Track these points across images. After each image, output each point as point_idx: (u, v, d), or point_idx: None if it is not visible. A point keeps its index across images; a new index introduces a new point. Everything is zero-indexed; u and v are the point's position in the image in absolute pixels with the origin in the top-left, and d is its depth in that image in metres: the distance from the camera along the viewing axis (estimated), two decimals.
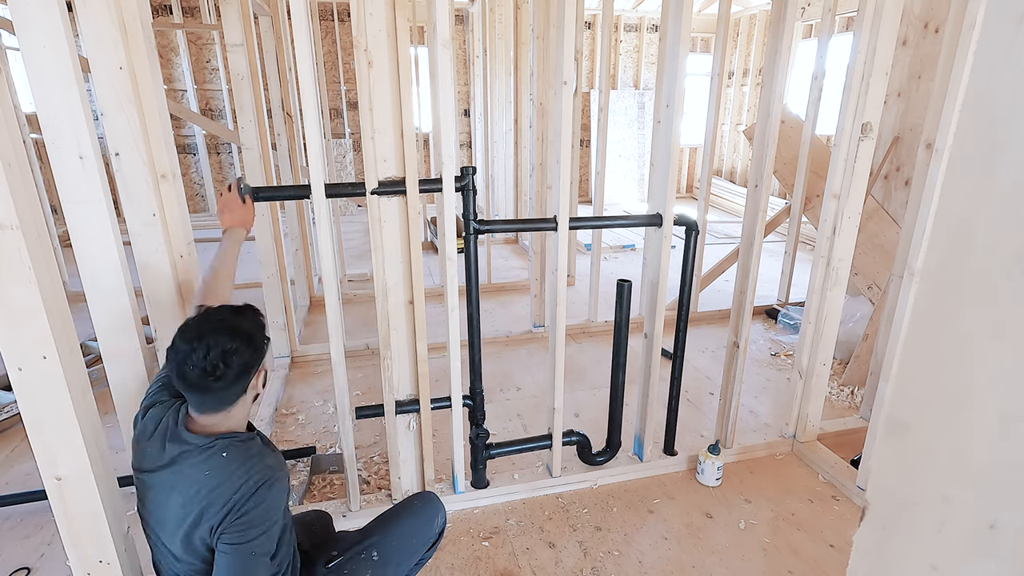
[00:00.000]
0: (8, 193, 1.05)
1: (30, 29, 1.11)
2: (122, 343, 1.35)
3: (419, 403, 1.91)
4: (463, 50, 6.95)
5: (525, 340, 3.48)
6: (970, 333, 0.45)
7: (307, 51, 1.51)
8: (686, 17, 1.76)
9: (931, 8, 2.77)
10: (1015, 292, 0.41)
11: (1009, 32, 0.41)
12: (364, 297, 4.00)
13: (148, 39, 1.34)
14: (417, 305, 1.81)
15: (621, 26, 7.49)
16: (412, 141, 1.68)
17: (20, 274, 1.09)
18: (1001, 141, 0.42)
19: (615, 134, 7.52)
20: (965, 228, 0.45)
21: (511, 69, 4.77)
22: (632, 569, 1.81)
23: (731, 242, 5.62)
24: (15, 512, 2.02)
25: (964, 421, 0.46)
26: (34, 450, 1.22)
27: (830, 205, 2.05)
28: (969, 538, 0.46)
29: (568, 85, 1.75)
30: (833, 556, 1.85)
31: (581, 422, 2.61)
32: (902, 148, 2.96)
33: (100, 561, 1.34)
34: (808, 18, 6.37)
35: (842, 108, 1.95)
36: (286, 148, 3.33)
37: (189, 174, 6.85)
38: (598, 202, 3.33)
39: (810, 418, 2.32)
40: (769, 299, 3.98)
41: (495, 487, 2.10)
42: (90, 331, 2.31)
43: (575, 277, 4.47)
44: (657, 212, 1.96)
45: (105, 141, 1.34)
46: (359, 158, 6.94)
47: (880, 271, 2.99)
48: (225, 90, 6.56)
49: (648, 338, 2.11)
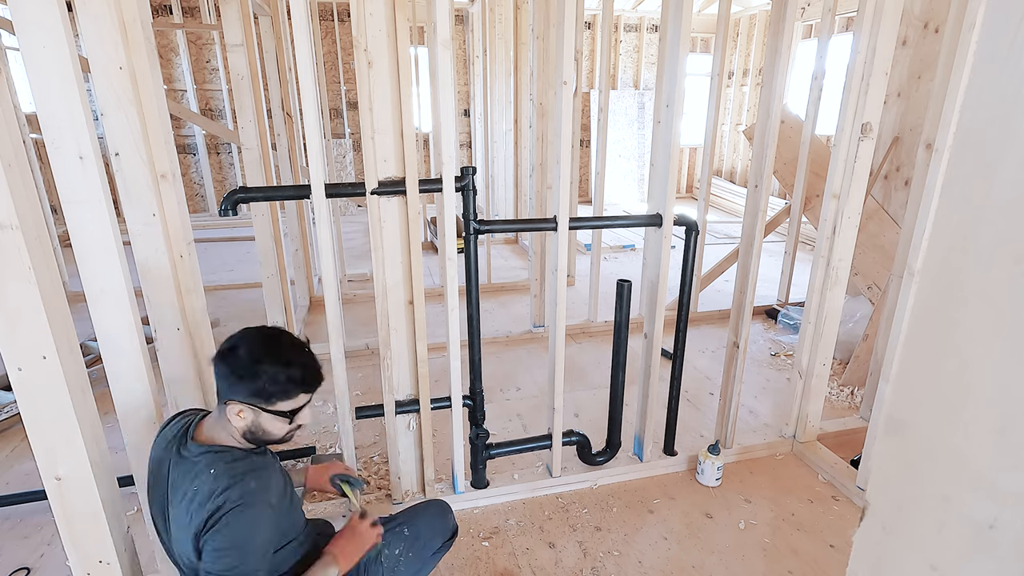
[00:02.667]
0: (8, 193, 1.05)
1: (30, 29, 1.11)
2: (122, 343, 1.35)
3: (419, 403, 1.91)
4: (463, 50, 6.95)
5: (525, 340, 3.48)
6: (970, 333, 0.45)
7: (307, 51, 1.51)
8: (686, 17, 1.76)
9: (931, 8, 2.77)
10: (1015, 292, 0.41)
11: (1009, 32, 0.41)
12: (364, 297, 4.00)
13: (148, 39, 1.34)
14: (417, 305, 1.81)
15: (621, 26, 7.49)
16: (412, 141, 1.68)
17: (20, 274, 1.09)
18: (1001, 141, 0.42)
19: (615, 134, 7.52)
20: (965, 228, 0.45)
21: (511, 69, 4.77)
22: (632, 569, 1.81)
23: (731, 242, 5.62)
24: (15, 512, 2.02)
25: (964, 421, 0.46)
26: (34, 450, 1.22)
27: (830, 205, 2.05)
28: (969, 538, 0.46)
29: (568, 85, 1.75)
30: (833, 556, 1.85)
31: (581, 422, 2.61)
32: (902, 148, 2.96)
33: (100, 561, 1.34)
34: (808, 18, 6.37)
35: (842, 108, 1.95)
36: (286, 148, 3.33)
37: (189, 174, 6.85)
38: (598, 202, 3.33)
39: (810, 418, 2.32)
40: (769, 299, 3.98)
41: (495, 487, 2.10)
42: (90, 331, 2.31)
43: (575, 277, 4.47)
44: (657, 212, 1.96)
45: (105, 141, 1.34)
46: (359, 158, 6.94)
47: (880, 271, 2.99)
48: (225, 90, 6.56)
49: (648, 338, 2.11)
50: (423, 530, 1.44)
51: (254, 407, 1.11)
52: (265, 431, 1.14)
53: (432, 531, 1.45)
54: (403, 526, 1.44)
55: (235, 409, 1.10)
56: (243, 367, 1.09)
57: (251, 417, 1.12)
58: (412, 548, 1.41)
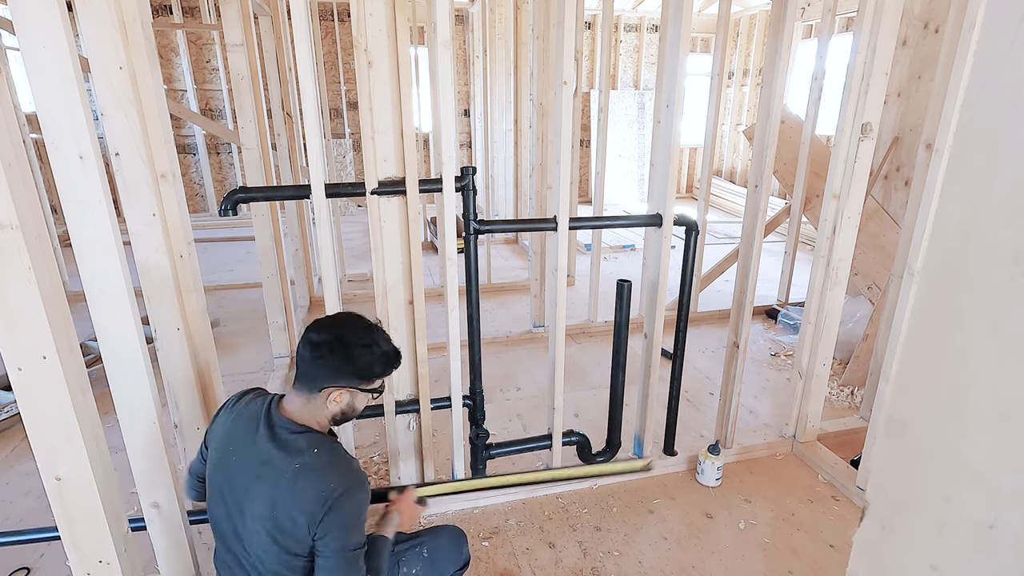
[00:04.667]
0: (8, 193, 1.04)
1: (30, 29, 1.11)
2: (122, 343, 1.35)
3: (419, 403, 1.91)
4: (463, 50, 6.95)
5: (525, 340, 3.48)
6: (970, 333, 0.45)
7: (307, 51, 1.51)
8: (686, 17, 1.76)
9: (931, 8, 2.77)
10: (1015, 292, 0.41)
11: (1009, 32, 0.41)
12: (364, 297, 4.00)
13: (148, 39, 1.34)
14: (417, 305, 1.81)
15: (621, 26, 7.49)
16: (412, 141, 1.68)
17: (20, 274, 1.09)
18: (1001, 141, 0.42)
19: (615, 134, 7.52)
20: (965, 228, 0.45)
21: (511, 69, 4.77)
22: (632, 569, 1.81)
23: (731, 242, 5.62)
24: (14, 512, 2.02)
25: (964, 421, 0.46)
26: (34, 450, 1.22)
27: (830, 205, 2.05)
28: (969, 538, 0.46)
29: (568, 85, 1.75)
30: (833, 556, 1.85)
31: (581, 422, 2.61)
32: (902, 148, 2.96)
33: (100, 561, 1.34)
34: (808, 18, 6.37)
35: (842, 108, 1.95)
36: (286, 148, 3.33)
37: (189, 174, 6.85)
38: (598, 202, 3.33)
39: (810, 418, 2.32)
40: (769, 299, 3.98)
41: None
42: (90, 331, 2.31)
43: (575, 277, 4.47)
44: (657, 212, 1.96)
45: (105, 141, 1.34)
46: (359, 158, 6.94)
47: (880, 271, 2.99)
48: (225, 90, 6.56)
49: (648, 338, 2.11)
50: (440, 555, 1.45)
51: (352, 389, 1.21)
52: (355, 409, 1.25)
53: (448, 558, 1.47)
54: (423, 546, 1.45)
55: (334, 395, 1.19)
56: (351, 354, 1.19)
57: (347, 399, 1.22)
58: (428, 571, 1.42)
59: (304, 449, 1.15)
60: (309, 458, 1.14)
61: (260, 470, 1.15)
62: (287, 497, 1.12)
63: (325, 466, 1.14)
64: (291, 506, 1.11)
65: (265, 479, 1.14)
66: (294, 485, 1.12)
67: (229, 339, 3.48)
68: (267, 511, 1.13)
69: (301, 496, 1.11)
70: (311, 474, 1.13)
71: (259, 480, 1.15)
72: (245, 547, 1.19)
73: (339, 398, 1.19)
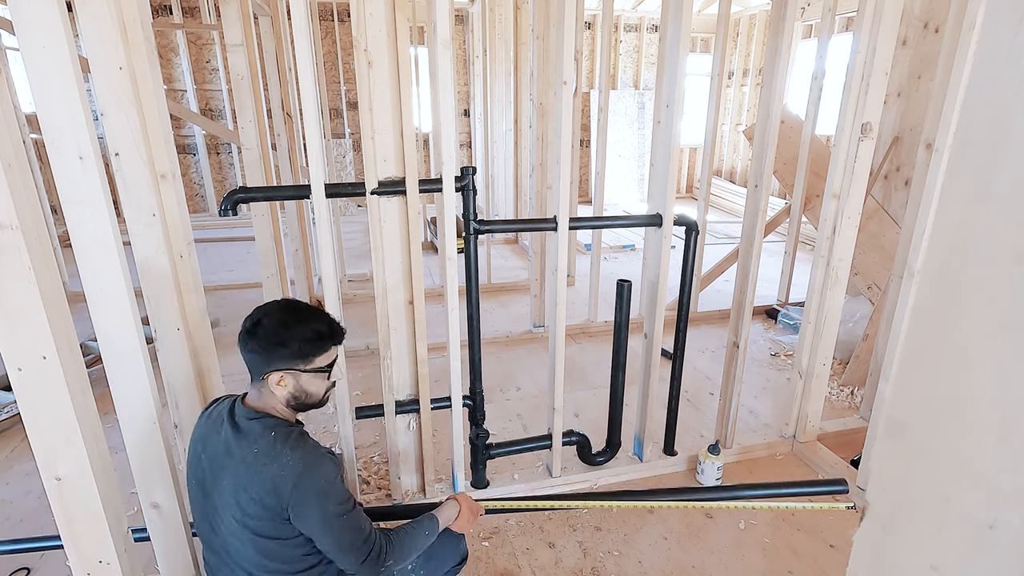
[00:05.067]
0: (8, 193, 1.04)
1: (30, 29, 1.11)
2: (122, 343, 1.35)
3: (419, 403, 1.91)
4: (463, 50, 6.95)
5: (525, 340, 3.48)
6: (970, 333, 0.45)
7: (307, 51, 1.51)
8: (686, 17, 1.76)
9: (931, 8, 2.77)
10: (1015, 292, 0.41)
11: (1009, 32, 0.41)
12: (364, 297, 4.00)
13: (148, 39, 1.34)
14: (417, 305, 1.81)
15: (621, 26, 7.49)
16: (412, 141, 1.68)
17: (20, 274, 1.09)
18: (1001, 141, 0.42)
19: (615, 134, 7.52)
20: (965, 228, 0.45)
21: (511, 69, 4.77)
22: (632, 569, 1.81)
23: (731, 242, 5.62)
24: (14, 512, 2.02)
25: (964, 421, 0.46)
26: (34, 450, 1.22)
27: (830, 205, 2.05)
28: (969, 538, 0.46)
29: (568, 85, 1.75)
30: (833, 556, 1.85)
31: (581, 422, 2.61)
32: (902, 148, 2.96)
33: (100, 561, 1.34)
34: (808, 18, 6.37)
35: (842, 108, 1.95)
36: (286, 148, 3.33)
37: (189, 174, 6.85)
38: (598, 202, 3.33)
39: (810, 418, 2.32)
40: (769, 299, 3.98)
41: (495, 487, 2.09)
42: (90, 331, 2.31)
43: (575, 277, 4.47)
44: (657, 212, 1.96)
45: (105, 141, 1.34)
46: (359, 158, 6.94)
47: (880, 271, 2.99)
48: (225, 90, 6.56)
49: (648, 338, 2.11)
50: (438, 550, 1.45)
51: (293, 371, 1.18)
52: (308, 392, 1.21)
53: (445, 554, 1.47)
54: None
55: (275, 379, 1.17)
56: (275, 335, 1.17)
57: (292, 382, 1.19)
58: (425, 567, 1.42)
59: (261, 433, 1.16)
60: (265, 442, 1.15)
61: (224, 461, 1.17)
62: (249, 482, 1.13)
63: (281, 445, 1.15)
64: (255, 490, 1.12)
65: (228, 469, 1.16)
66: (253, 469, 1.13)
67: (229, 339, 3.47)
68: (233, 499, 1.14)
69: (263, 478, 1.12)
70: (268, 455, 1.13)
71: (224, 471, 1.16)
72: (225, 544, 1.19)
73: (283, 382, 1.18)
